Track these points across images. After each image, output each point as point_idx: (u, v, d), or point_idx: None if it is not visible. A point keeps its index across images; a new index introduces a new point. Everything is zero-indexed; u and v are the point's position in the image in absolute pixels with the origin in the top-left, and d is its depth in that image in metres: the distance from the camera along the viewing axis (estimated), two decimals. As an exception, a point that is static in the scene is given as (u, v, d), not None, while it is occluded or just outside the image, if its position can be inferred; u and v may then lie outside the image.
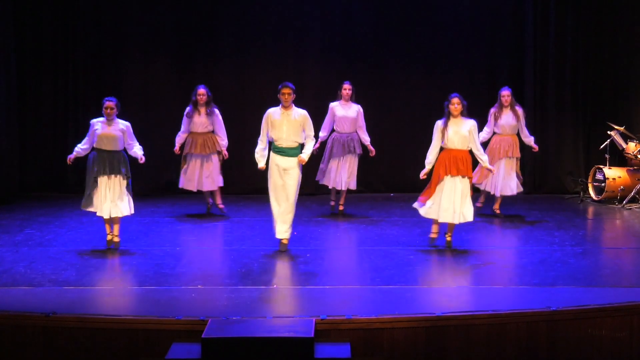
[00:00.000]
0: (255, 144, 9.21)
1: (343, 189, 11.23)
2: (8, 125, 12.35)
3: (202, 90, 10.93)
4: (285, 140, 8.98)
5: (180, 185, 11.16)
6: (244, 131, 12.13)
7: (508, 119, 10.94)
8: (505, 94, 10.95)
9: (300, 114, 9.04)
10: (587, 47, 13.12)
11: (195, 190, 11.08)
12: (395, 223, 10.84)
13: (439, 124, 9.20)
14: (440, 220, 9.16)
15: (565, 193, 13.04)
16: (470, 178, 9.15)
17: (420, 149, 12.65)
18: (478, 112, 11.10)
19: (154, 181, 12.25)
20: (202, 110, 10.91)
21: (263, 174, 9.29)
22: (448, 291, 7.79)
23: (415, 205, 9.31)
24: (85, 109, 12.75)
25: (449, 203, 9.05)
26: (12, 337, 6.81)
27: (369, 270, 8.65)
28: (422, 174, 9.26)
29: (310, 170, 12.89)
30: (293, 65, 13.18)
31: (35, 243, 9.59)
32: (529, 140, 11.17)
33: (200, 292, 7.66)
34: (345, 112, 11.11)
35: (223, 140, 11.04)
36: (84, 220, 10.58)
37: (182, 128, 11.01)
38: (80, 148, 9.25)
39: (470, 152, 9.26)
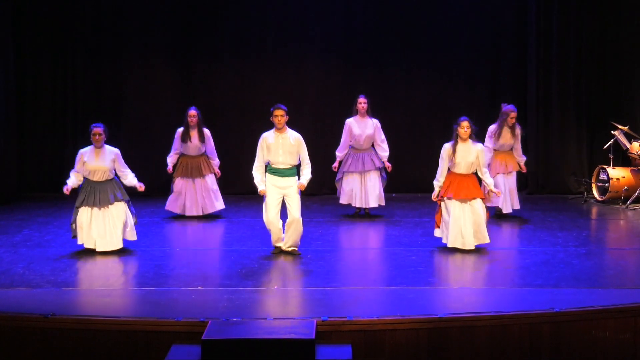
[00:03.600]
0: (255, 144, 9.11)
1: (369, 206, 11.02)
2: (7, 125, 12.33)
3: (193, 112, 10.87)
4: (282, 163, 8.89)
5: (168, 208, 11.03)
6: (243, 132, 12.11)
7: (508, 138, 10.81)
8: (515, 115, 10.75)
9: (295, 138, 8.91)
10: (590, 47, 13.08)
11: (182, 213, 10.97)
12: (396, 224, 10.79)
13: (447, 148, 9.06)
14: (449, 246, 9.08)
15: (569, 193, 12.99)
16: (482, 199, 9.04)
17: (422, 149, 12.68)
18: (480, 111, 11.09)
19: (153, 182, 12.20)
20: (194, 133, 10.85)
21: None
22: (450, 292, 7.74)
23: (435, 232, 9.22)
24: (84, 109, 12.75)
25: (457, 229, 8.97)
26: (11, 338, 6.77)
27: (371, 271, 8.60)
28: (434, 197, 9.18)
29: (313, 171, 12.89)
30: (294, 69, 13.17)
31: (34, 244, 9.56)
32: (521, 159, 11.01)
33: (200, 293, 7.61)
34: (362, 130, 10.91)
35: (215, 160, 11.04)
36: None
37: (174, 149, 10.97)
38: (74, 181, 9.07)
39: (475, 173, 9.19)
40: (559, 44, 13.05)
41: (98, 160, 9.00)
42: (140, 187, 9.29)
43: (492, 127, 10.86)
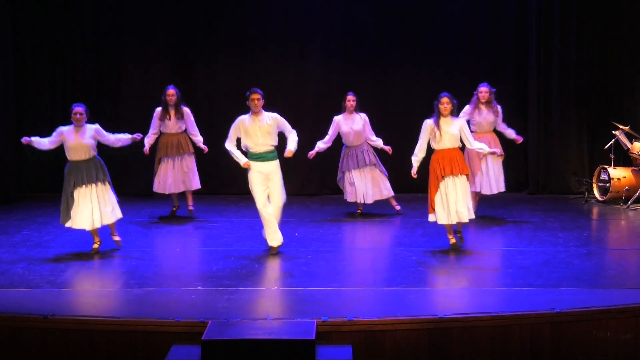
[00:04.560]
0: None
1: (370, 202, 11.05)
2: (6, 125, 12.32)
3: (171, 91, 10.78)
4: (262, 145, 8.95)
5: (155, 189, 11.02)
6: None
7: (485, 115, 10.73)
8: (483, 89, 10.72)
9: (271, 117, 9.02)
10: (591, 47, 13.05)
11: (169, 192, 10.94)
12: (397, 224, 10.77)
13: (428, 123, 9.09)
14: (440, 222, 9.05)
15: (570, 193, 12.95)
16: (466, 175, 9.05)
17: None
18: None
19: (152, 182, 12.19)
20: (172, 112, 10.78)
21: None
22: (451, 293, 7.72)
23: (429, 218, 9.17)
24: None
25: (452, 206, 8.94)
26: (10, 339, 6.77)
27: (371, 271, 8.58)
28: (413, 173, 9.22)
29: (313, 170, 12.86)
30: (294, 68, 13.14)
31: (34, 244, 9.54)
32: (510, 132, 10.92)
33: (200, 293, 7.59)
34: (350, 126, 10.93)
35: (197, 137, 10.91)
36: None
37: (152, 129, 10.85)
38: (41, 141, 9.13)
39: (461, 148, 9.16)
40: (559, 44, 13.01)
41: (78, 137, 8.97)
42: (137, 136, 9.28)
43: (466, 107, 10.78)
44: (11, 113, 12.46)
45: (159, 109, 10.86)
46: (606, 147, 12.18)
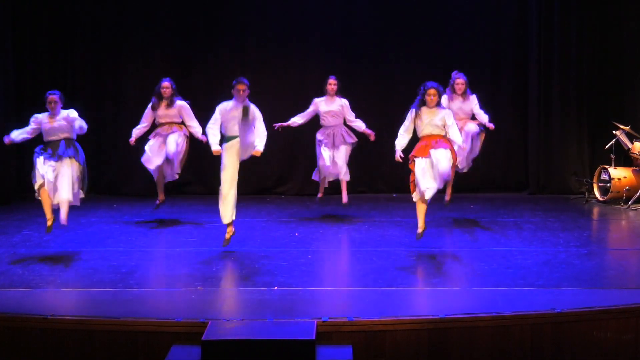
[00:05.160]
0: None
1: (343, 178, 10.91)
2: (6, 125, 12.28)
3: (166, 83, 10.64)
4: (238, 131, 8.96)
5: (143, 162, 10.69)
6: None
7: (460, 104, 10.63)
8: (460, 81, 10.64)
9: (251, 110, 9.01)
10: (592, 46, 13.06)
11: (154, 168, 10.67)
12: (397, 224, 10.76)
13: (414, 112, 9.01)
14: (427, 197, 8.88)
15: (570, 193, 12.96)
16: (446, 150, 8.81)
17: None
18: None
19: (153, 182, 12.16)
20: (164, 104, 10.62)
21: (266, 176, 9.23)
22: (451, 293, 7.71)
23: (413, 197, 9.09)
24: (84, 108, 12.66)
25: (429, 180, 8.80)
26: (10, 339, 6.75)
27: (371, 271, 8.57)
28: (397, 158, 9.07)
29: (306, 172, 12.87)
30: (294, 68, 13.14)
31: (34, 244, 9.53)
32: (484, 118, 10.66)
33: (200, 293, 7.58)
34: (329, 107, 10.89)
35: (195, 129, 10.59)
36: (82, 221, 10.54)
37: (142, 120, 10.66)
38: (20, 134, 9.20)
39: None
40: (559, 43, 13.02)
41: (53, 120, 9.07)
42: (81, 129, 9.13)
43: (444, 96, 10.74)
44: (11, 113, 12.46)
45: (152, 100, 10.68)
46: (607, 147, 12.19)
